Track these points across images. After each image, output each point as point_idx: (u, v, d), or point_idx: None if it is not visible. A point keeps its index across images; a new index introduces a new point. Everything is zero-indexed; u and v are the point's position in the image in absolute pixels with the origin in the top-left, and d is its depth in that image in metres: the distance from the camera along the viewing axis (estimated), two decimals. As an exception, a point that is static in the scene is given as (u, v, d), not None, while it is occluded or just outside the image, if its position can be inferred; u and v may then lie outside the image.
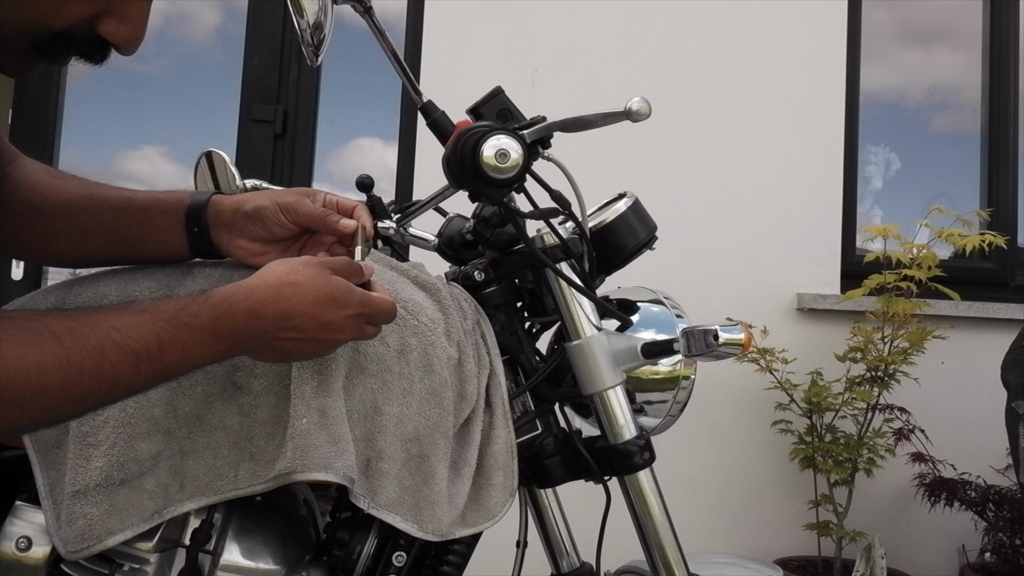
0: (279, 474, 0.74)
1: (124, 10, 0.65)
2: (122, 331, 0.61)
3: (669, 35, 2.70)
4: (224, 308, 0.65)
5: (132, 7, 0.65)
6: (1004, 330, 2.48)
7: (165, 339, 0.62)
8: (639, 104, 0.83)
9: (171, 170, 2.93)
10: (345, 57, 2.84)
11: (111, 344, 0.60)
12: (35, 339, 0.57)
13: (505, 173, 0.81)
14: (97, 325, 0.60)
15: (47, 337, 0.58)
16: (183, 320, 0.63)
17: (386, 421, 0.79)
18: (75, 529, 0.72)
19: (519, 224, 0.86)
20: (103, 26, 0.64)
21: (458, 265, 1.02)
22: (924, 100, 3.22)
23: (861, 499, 2.42)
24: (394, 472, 0.79)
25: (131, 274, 0.81)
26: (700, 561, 1.02)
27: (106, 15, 0.64)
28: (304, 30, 0.74)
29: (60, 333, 0.58)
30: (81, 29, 0.64)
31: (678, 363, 0.96)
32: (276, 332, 0.67)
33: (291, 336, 0.68)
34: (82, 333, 0.59)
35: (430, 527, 0.80)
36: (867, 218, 3.02)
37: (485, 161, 0.80)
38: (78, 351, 0.58)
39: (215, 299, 0.65)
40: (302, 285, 0.67)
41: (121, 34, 0.65)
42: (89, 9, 0.63)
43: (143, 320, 0.62)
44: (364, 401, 0.78)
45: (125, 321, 0.61)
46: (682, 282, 1.80)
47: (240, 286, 0.67)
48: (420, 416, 0.80)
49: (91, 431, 0.75)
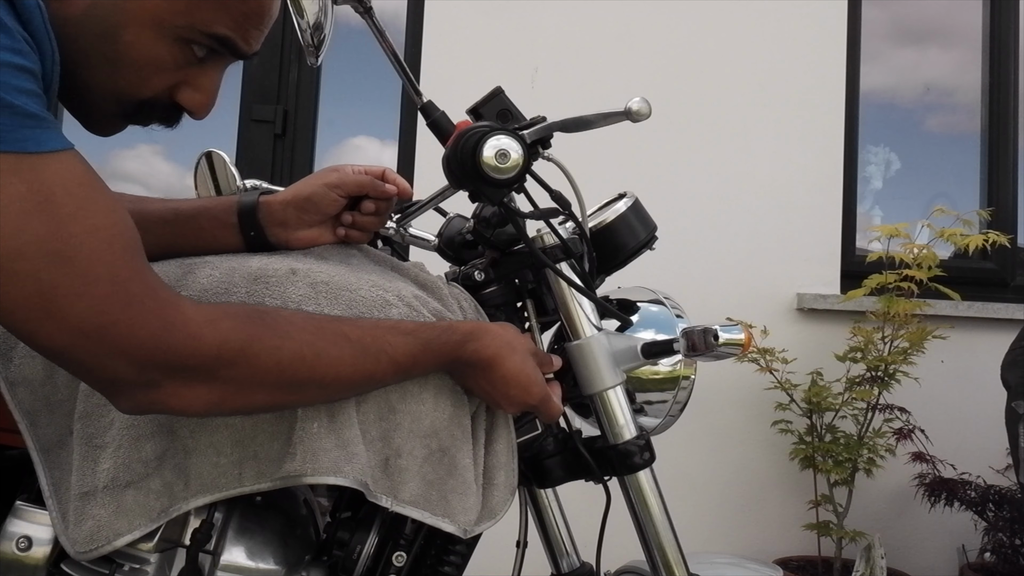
0: (288, 475, 0.74)
1: (199, 81, 0.74)
2: (393, 345, 0.75)
3: (669, 35, 2.70)
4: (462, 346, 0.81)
5: (206, 78, 0.75)
6: (1004, 330, 2.48)
7: (418, 359, 0.77)
8: (639, 104, 0.83)
9: (167, 169, 2.93)
10: (345, 57, 2.84)
11: (384, 355, 0.74)
12: (337, 339, 0.72)
13: (505, 173, 0.81)
14: (377, 338, 0.74)
15: (343, 340, 0.72)
16: (434, 347, 0.78)
17: (401, 419, 0.79)
18: (84, 530, 0.73)
19: (519, 224, 0.86)
20: (181, 95, 0.74)
21: (458, 265, 1.02)
22: (923, 100, 3.22)
23: (861, 499, 2.42)
24: (415, 468, 0.79)
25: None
26: (700, 561, 1.02)
27: (184, 85, 0.74)
28: (304, 30, 0.74)
29: (352, 338, 0.73)
30: (162, 98, 0.74)
31: (678, 363, 0.96)
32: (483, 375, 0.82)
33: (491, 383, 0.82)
34: (365, 342, 0.73)
35: (461, 519, 0.80)
36: (867, 218, 3.02)
37: (485, 161, 0.80)
38: (362, 355, 0.73)
39: (459, 335, 0.81)
40: (517, 351, 0.82)
41: (196, 101, 0.75)
42: (171, 80, 0.73)
43: (408, 340, 0.76)
44: (379, 402, 0.79)
45: (396, 339, 0.75)
46: (682, 282, 1.80)
47: (483, 330, 0.82)
48: (435, 411, 0.81)
49: (97, 433, 0.75)
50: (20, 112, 0.58)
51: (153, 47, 0.70)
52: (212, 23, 0.71)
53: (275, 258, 0.84)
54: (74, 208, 0.60)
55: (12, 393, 0.78)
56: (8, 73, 0.57)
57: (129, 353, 0.63)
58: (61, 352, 0.62)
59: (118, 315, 0.62)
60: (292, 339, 0.70)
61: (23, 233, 0.58)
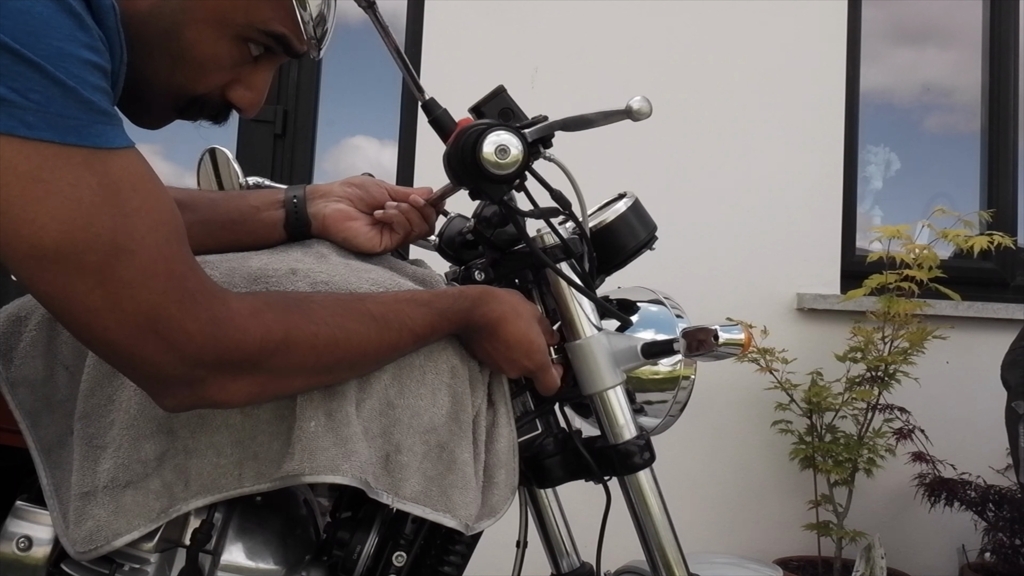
0: (287, 475, 0.74)
1: (252, 79, 0.77)
2: (412, 318, 0.78)
3: (669, 35, 2.70)
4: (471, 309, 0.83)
5: (258, 77, 0.77)
6: (1004, 330, 2.48)
7: (435, 327, 0.80)
8: (640, 103, 0.83)
9: (166, 169, 2.92)
10: (345, 57, 2.84)
11: (405, 328, 0.77)
12: (363, 319, 0.75)
13: (505, 169, 0.81)
14: (398, 312, 0.77)
15: (368, 319, 0.75)
16: (448, 316, 0.81)
17: (400, 414, 0.79)
18: (84, 530, 0.73)
19: (519, 223, 0.86)
20: (233, 92, 0.77)
21: (458, 265, 1.02)
22: (923, 100, 3.22)
23: (861, 499, 2.42)
24: (415, 464, 0.79)
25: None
26: (700, 561, 1.02)
27: (236, 83, 0.76)
28: (307, 23, 0.74)
29: (376, 315, 0.76)
30: (215, 94, 0.76)
31: (678, 363, 0.96)
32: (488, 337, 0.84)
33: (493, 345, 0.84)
34: (388, 318, 0.76)
35: (462, 514, 0.80)
36: (867, 218, 3.03)
37: (485, 157, 0.80)
38: (387, 330, 0.76)
39: (468, 301, 0.83)
40: (522, 316, 0.84)
41: (246, 99, 0.78)
42: (225, 78, 0.76)
43: (425, 311, 0.79)
44: (378, 398, 0.79)
45: (414, 311, 0.79)
46: (682, 282, 1.79)
47: (491, 294, 0.84)
48: (434, 407, 0.81)
49: (97, 433, 0.75)
50: (95, 108, 0.60)
51: (213, 45, 0.73)
52: (270, 21, 0.74)
53: (275, 258, 0.84)
54: (138, 204, 0.62)
55: (13, 393, 0.78)
56: (86, 70, 0.59)
57: (180, 348, 0.64)
58: (114, 346, 0.63)
59: (173, 310, 0.63)
60: (326, 324, 0.72)
61: (92, 226, 0.60)
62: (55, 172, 0.58)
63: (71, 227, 0.59)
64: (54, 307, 0.62)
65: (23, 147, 0.57)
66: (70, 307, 0.61)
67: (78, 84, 0.58)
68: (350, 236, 0.93)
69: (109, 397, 0.76)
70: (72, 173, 0.59)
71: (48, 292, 0.61)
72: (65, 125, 0.58)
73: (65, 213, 0.58)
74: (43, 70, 0.57)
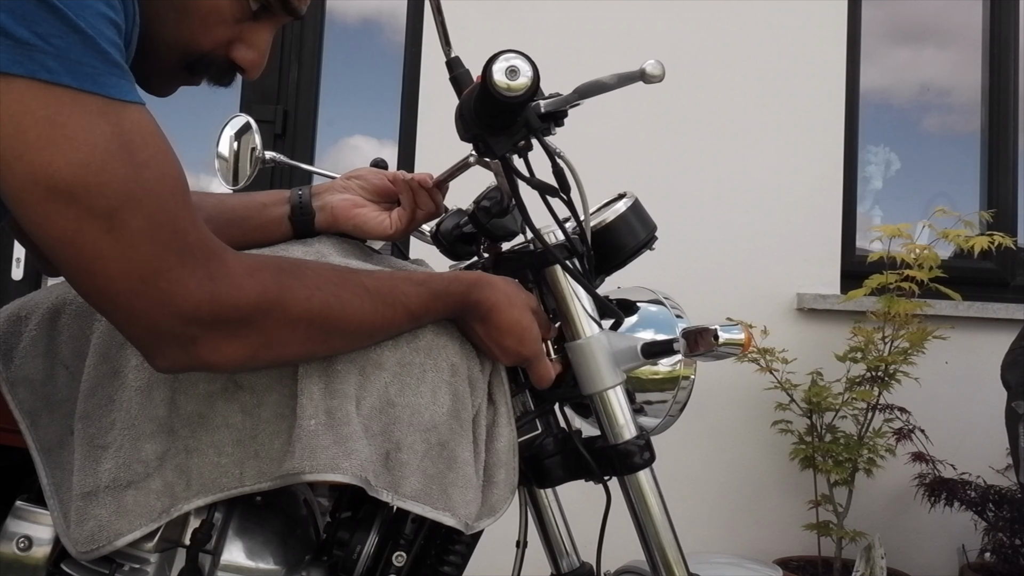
0: (287, 473, 0.74)
1: (252, 37, 0.78)
2: (407, 295, 0.79)
3: (669, 35, 2.70)
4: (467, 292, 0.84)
5: (258, 35, 0.79)
6: (1004, 330, 2.48)
7: (430, 307, 0.81)
8: (653, 67, 0.83)
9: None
10: (345, 57, 2.84)
11: (400, 305, 0.78)
12: (357, 290, 0.76)
13: (515, 91, 0.79)
14: (393, 288, 0.78)
15: (363, 290, 0.76)
16: (443, 297, 0.81)
17: (400, 412, 0.79)
18: (86, 530, 0.73)
19: (515, 183, 0.85)
20: (235, 51, 0.78)
21: (452, 259, 1.03)
22: (922, 100, 3.22)
23: (861, 499, 2.42)
24: (415, 463, 0.79)
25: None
26: (700, 561, 1.02)
27: (238, 41, 0.78)
28: None
29: (371, 288, 0.77)
30: (219, 53, 0.77)
31: (678, 363, 0.96)
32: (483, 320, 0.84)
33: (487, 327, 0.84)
34: (383, 292, 0.77)
35: (463, 512, 0.79)
36: (867, 218, 3.03)
37: (496, 82, 0.78)
38: (381, 304, 0.77)
39: (464, 285, 0.84)
40: (516, 304, 0.85)
41: (248, 59, 0.79)
42: (228, 34, 0.77)
43: (420, 291, 0.80)
44: (378, 395, 0.79)
45: (409, 289, 0.79)
46: (682, 282, 1.80)
47: (487, 281, 0.85)
48: (434, 405, 0.80)
49: (98, 433, 0.75)
50: (110, 60, 0.61)
51: None
52: None
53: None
54: (148, 156, 0.63)
55: (13, 393, 0.78)
56: (103, 23, 0.61)
57: (177, 303, 0.64)
58: (115, 298, 0.64)
59: (174, 262, 0.64)
60: (320, 290, 0.73)
61: (105, 172, 0.61)
62: (72, 117, 0.59)
63: (85, 171, 0.60)
64: (63, 253, 0.63)
65: (43, 91, 0.58)
66: (79, 252, 0.62)
67: (96, 35, 0.60)
68: (360, 223, 0.96)
69: (109, 397, 0.76)
70: (87, 119, 0.60)
71: (59, 236, 0.61)
72: (83, 72, 0.59)
73: (80, 157, 0.60)
74: (65, 17, 0.58)
